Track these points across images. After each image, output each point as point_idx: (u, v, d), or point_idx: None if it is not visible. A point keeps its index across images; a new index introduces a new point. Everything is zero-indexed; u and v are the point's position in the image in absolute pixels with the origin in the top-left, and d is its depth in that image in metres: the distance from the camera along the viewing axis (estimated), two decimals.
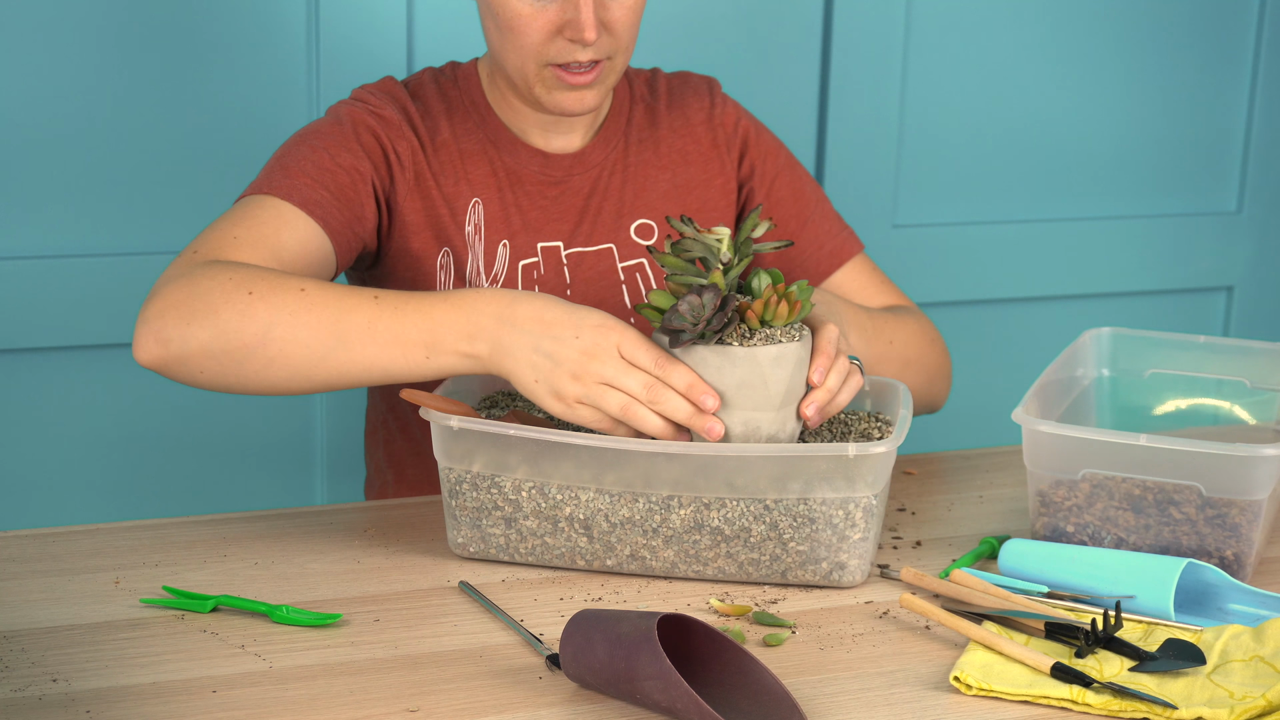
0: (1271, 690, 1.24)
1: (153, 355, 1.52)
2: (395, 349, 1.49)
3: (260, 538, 1.57)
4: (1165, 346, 1.81)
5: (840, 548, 1.45)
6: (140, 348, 1.52)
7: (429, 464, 1.83)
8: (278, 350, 1.49)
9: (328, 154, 1.68)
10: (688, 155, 1.84)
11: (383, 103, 1.75)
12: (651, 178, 1.82)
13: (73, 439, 2.23)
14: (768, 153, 1.88)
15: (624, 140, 1.83)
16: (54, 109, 2.14)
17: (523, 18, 1.65)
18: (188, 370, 1.52)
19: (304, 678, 1.29)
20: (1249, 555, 1.49)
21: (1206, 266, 2.80)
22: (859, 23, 2.49)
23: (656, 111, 1.85)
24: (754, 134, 1.88)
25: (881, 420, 1.59)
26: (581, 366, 1.44)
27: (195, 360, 1.51)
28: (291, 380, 1.51)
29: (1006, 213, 2.68)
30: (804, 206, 1.88)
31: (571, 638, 1.25)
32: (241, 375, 1.51)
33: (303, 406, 2.31)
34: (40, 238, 2.16)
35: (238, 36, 2.19)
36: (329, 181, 1.66)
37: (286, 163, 1.67)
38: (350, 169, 1.68)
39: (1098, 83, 2.66)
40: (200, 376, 1.52)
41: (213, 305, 1.50)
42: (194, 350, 1.50)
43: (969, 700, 1.27)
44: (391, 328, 1.49)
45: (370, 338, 1.49)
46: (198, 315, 1.50)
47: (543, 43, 1.66)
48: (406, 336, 1.48)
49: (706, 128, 1.86)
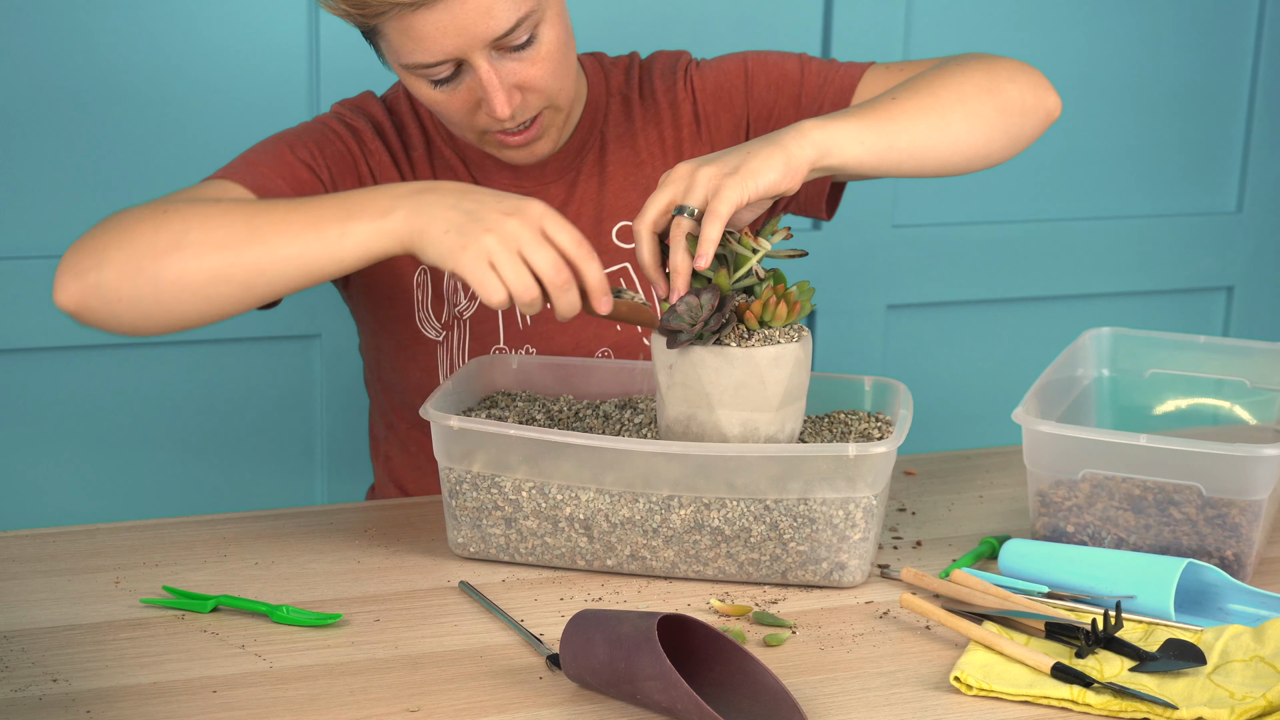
0: (1272, 690, 1.24)
1: (70, 292, 1.47)
2: (310, 232, 1.44)
3: (260, 538, 1.57)
4: (1165, 346, 1.81)
5: (840, 548, 1.45)
6: (58, 288, 1.48)
7: (426, 478, 1.82)
8: (193, 255, 1.44)
9: (288, 149, 1.66)
10: (665, 144, 1.78)
11: (358, 116, 1.73)
12: (631, 176, 1.77)
13: (73, 439, 2.23)
14: (729, 87, 1.77)
15: (600, 140, 1.77)
16: (55, 109, 2.14)
17: (438, 103, 1.61)
18: (105, 302, 1.47)
19: (304, 678, 1.29)
20: (1249, 555, 1.49)
21: (1206, 266, 2.80)
22: (859, 23, 2.49)
23: (631, 103, 1.78)
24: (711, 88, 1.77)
25: (881, 420, 1.59)
26: (499, 224, 1.39)
27: (112, 287, 1.46)
28: (210, 288, 1.45)
29: (1006, 213, 2.68)
30: (789, 85, 1.76)
31: (571, 638, 1.25)
32: (159, 294, 1.45)
33: (303, 407, 2.31)
34: (40, 238, 2.16)
35: (238, 40, 2.19)
36: (287, 174, 1.64)
37: (248, 155, 1.66)
38: (308, 165, 1.66)
39: (1097, 82, 2.67)
40: (118, 307, 1.47)
41: (126, 228, 1.48)
42: (109, 276, 1.46)
43: (969, 700, 1.27)
44: (307, 214, 1.45)
45: (285, 227, 1.45)
46: (112, 240, 1.47)
47: (467, 119, 1.62)
48: (321, 217, 1.44)
49: (672, 113, 1.78)
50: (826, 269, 2.52)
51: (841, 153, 1.49)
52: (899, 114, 1.55)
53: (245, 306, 1.47)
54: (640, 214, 1.44)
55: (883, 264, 2.60)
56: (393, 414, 1.83)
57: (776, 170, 1.44)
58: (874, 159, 1.52)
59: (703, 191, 1.42)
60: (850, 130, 1.50)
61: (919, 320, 2.66)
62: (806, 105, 1.75)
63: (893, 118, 1.54)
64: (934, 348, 2.68)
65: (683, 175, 1.44)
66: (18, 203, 2.15)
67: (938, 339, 2.68)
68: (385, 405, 1.85)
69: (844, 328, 2.60)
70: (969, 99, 1.60)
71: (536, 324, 1.75)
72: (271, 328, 2.28)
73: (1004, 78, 1.63)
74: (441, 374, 1.76)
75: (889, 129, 1.53)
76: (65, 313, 1.49)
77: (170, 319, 1.48)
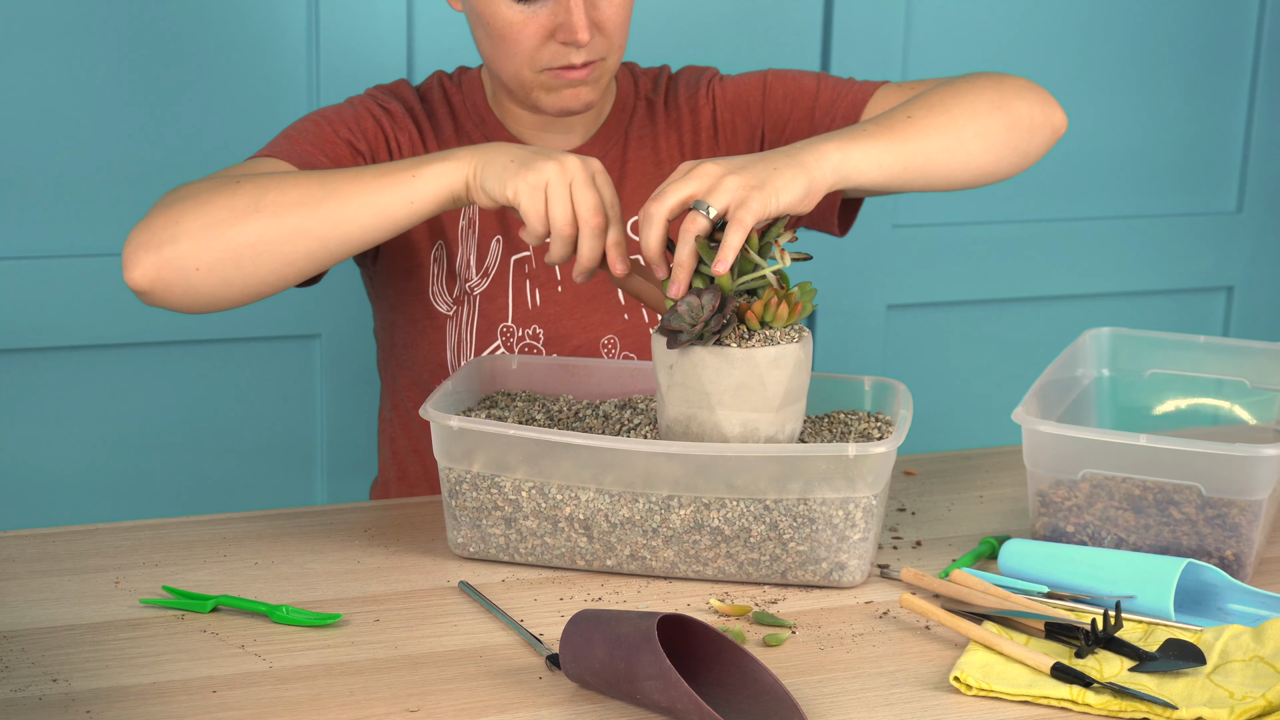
0: (1271, 690, 1.24)
1: (145, 267, 1.49)
2: (383, 180, 1.51)
3: (260, 538, 1.57)
4: (1165, 346, 1.81)
5: (840, 548, 1.45)
6: (130, 264, 1.49)
7: (428, 462, 1.83)
8: (271, 215, 1.50)
9: (330, 127, 1.73)
10: (684, 146, 1.84)
11: (390, 100, 1.79)
12: (649, 174, 1.83)
13: (73, 439, 2.23)
14: (748, 98, 1.83)
15: (623, 139, 1.84)
16: (56, 109, 2.14)
17: (514, 25, 1.67)
18: (182, 274, 1.49)
19: (304, 678, 1.29)
20: (1249, 555, 1.49)
21: (1206, 266, 2.80)
22: (859, 23, 2.49)
23: (655, 108, 1.85)
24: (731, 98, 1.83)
25: (881, 420, 1.59)
26: (561, 158, 1.48)
27: (189, 258, 1.49)
28: (289, 245, 1.50)
29: (1006, 213, 2.68)
30: (804, 98, 1.81)
31: (571, 638, 1.25)
32: (239, 258, 1.49)
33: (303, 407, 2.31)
34: (40, 238, 2.16)
35: (238, 40, 2.19)
36: (329, 150, 1.70)
37: (290, 133, 1.72)
38: (348, 143, 1.72)
39: (1098, 83, 2.67)
40: (194, 278, 1.49)
41: (201, 199, 1.51)
42: (186, 248, 1.49)
43: (969, 700, 1.27)
44: (377, 171, 1.53)
45: (359, 182, 1.52)
46: (186, 211, 1.50)
47: (536, 48, 1.68)
48: (391, 169, 1.53)
49: (692, 121, 1.83)
50: (827, 269, 2.52)
51: (859, 175, 1.53)
52: (914, 133, 1.57)
53: (323, 264, 1.54)
54: (658, 196, 1.45)
55: (883, 264, 2.60)
56: (405, 392, 1.86)
57: (798, 191, 1.46)
58: (889, 179, 1.56)
59: (728, 198, 1.44)
60: (867, 152, 1.53)
61: (919, 320, 2.66)
62: (820, 119, 1.79)
63: (908, 137, 1.57)
64: (934, 348, 2.68)
65: (709, 175, 1.46)
66: (18, 203, 2.15)
67: (938, 339, 2.68)
68: (399, 385, 1.87)
69: (844, 328, 2.60)
70: (980, 116, 1.63)
71: (545, 305, 1.80)
72: (271, 328, 2.28)
73: (1013, 94, 1.66)
74: (449, 349, 1.80)
75: (905, 149, 1.56)
76: (137, 291, 1.50)
77: (248, 284, 1.52)
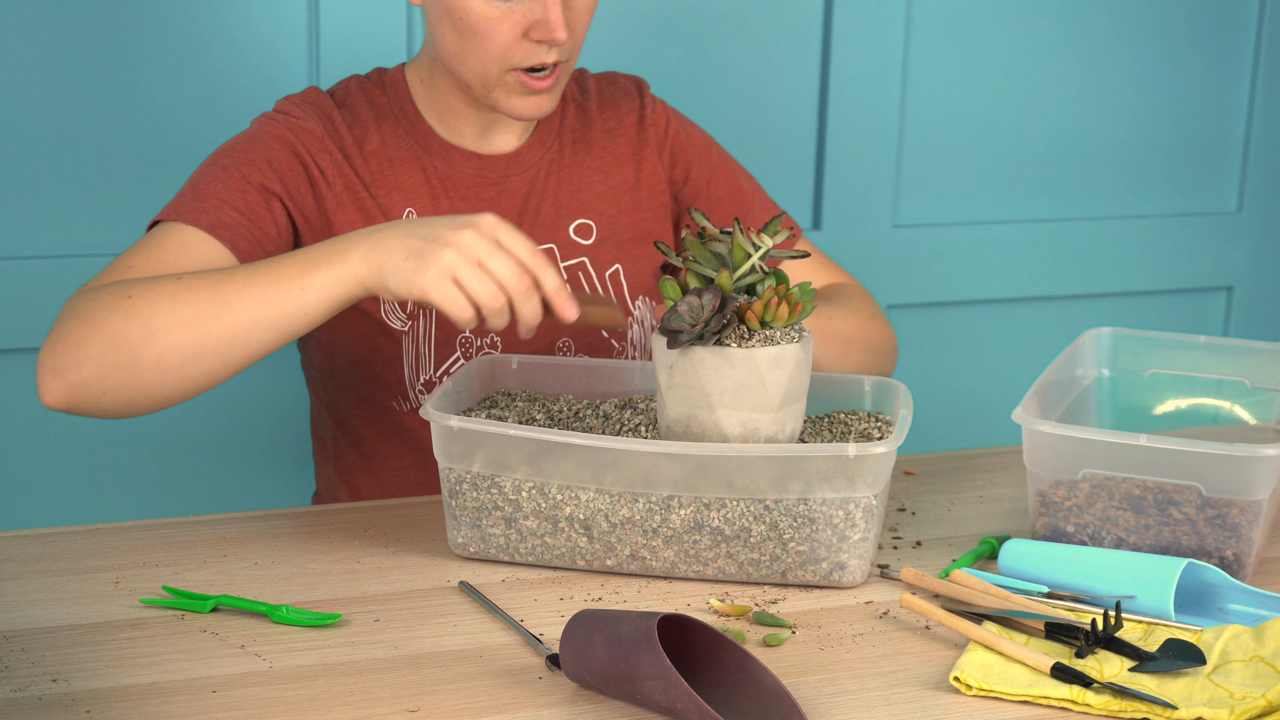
0: (1271, 690, 1.24)
1: (55, 392, 1.49)
2: (272, 290, 1.46)
3: (260, 538, 1.57)
4: (1165, 346, 1.81)
5: (840, 548, 1.45)
6: (43, 389, 1.50)
7: (382, 477, 1.82)
8: (165, 339, 1.47)
9: (239, 174, 1.67)
10: (620, 156, 1.85)
11: (305, 114, 1.73)
12: (587, 178, 1.83)
13: (73, 439, 2.23)
14: (700, 154, 1.89)
15: (558, 140, 1.83)
16: (55, 108, 2.14)
17: (488, 21, 1.64)
18: (91, 396, 1.49)
19: (304, 678, 1.29)
20: (1249, 555, 1.49)
21: (1206, 266, 2.80)
22: (859, 23, 2.49)
23: (588, 112, 1.85)
24: (684, 137, 1.89)
25: (881, 420, 1.59)
26: (455, 239, 1.41)
27: (95, 383, 1.48)
28: (188, 367, 1.47)
29: (1006, 213, 2.68)
30: (742, 202, 1.90)
31: (571, 638, 1.25)
32: (140, 381, 1.48)
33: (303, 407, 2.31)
34: (40, 238, 2.16)
35: (238, 36, 2.19)
36: (238, 202, 1.65)
37: (198, 185, 1.67)
38: (259, 187, 1.67)
39: (1098, 82, 2.67)
40: (104, 400, 1.49)
41: (96, 322, 1.49)
42: (90, 373, 1.48)
43: (969, 700, 1.27)
44: (266, 275, 1.47)
45: (248, 291, 1.46)
46: (85, 336, 1.49)
47: (508, 45, 1.65)
48: (281, 275, 1.46)
49: (638, 130, 1.86)
50: None
51: None
52: None
53: (225, 375, 1.50)
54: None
55: (883, 264, 2.60)
56: (352, 411, 1.82)
57: None
58: None
59: None
60: None
61: (919, 320, 2.66)
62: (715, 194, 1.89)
63: None
64: (934, 348, 2.68)
65: None
66: (18, 203, 2.15)
67: (938, 339, 2.68)
68: (343, 405, 1.83)
69: None
70: None
71: None
72: None
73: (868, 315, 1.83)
74: (406, 365, 1.77)
75: None
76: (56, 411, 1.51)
77: (155, 401, 1.50)
